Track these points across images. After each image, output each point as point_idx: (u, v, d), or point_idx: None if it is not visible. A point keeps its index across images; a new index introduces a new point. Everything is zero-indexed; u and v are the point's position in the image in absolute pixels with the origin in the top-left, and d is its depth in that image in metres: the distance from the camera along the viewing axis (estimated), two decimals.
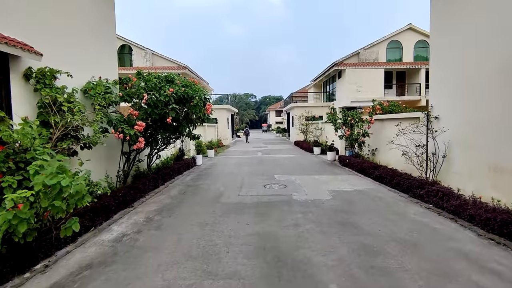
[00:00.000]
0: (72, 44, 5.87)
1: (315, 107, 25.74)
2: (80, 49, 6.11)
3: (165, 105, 6.32)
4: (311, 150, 17.58)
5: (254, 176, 9.53)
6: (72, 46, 5.87)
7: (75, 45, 5.96)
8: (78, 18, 6.11)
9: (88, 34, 6.43)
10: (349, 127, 11.70)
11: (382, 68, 22.23)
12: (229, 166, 12.24)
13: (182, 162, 11.00)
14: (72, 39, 5.89)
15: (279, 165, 12.18)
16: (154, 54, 23.55)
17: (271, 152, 18.36)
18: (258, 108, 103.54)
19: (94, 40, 6.62)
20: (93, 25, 6.63)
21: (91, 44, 6.52)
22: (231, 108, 28.37)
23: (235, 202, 6.35)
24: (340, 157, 12.20)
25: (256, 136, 45.50)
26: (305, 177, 9.11)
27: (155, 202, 6.52)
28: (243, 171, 10.60)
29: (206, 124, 20.67)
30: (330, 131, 18.00)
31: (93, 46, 6.56)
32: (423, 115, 7.71)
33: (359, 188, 7.55)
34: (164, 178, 8.75)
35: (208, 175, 10.09)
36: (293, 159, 14.34)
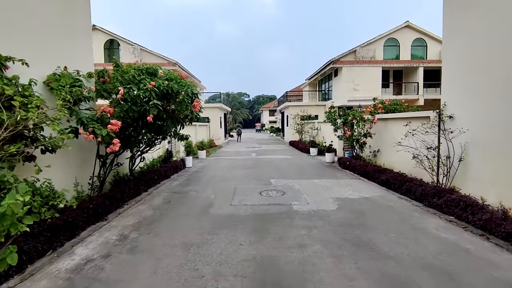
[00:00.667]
0: (33, 29, 4.92)
1: (310, 106, 25.03)
2: (44, 34, 5.16)
3: (145, 101, 5.41)
4: (307, 151, 16.82)
5: (248, 180, 8.68)
6: (33, 30, 4.91)
7: (37, 30, 5.01)
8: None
9: (55, 18, 5.47)
10: (350, 127, 10.96)
11: (380, 66, 21.63)
12: (221, 168, 11.36)
13: (169, 165, 10.07)
14: (33, 22, 4.93)
15: (275, 167, 11.36)
16: (143, 49, 22.45)
17: (266, 152, 17.54)
18: (251, 107, 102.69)
19: (62, 26, 5.66)
20: (61, 8, 5.66)
21: (59, 31, 5.56)
22: (223, 107, 27.44)
23: (227, 213, 5.50)
24: (340, 159, 11.46)
25: (250, 135, 44.65)
26: (304, 182, 8.31)
27: (134, 214, 5.61)
28: (236, 175, 9.73)
29: (197, 123, 19.71)
30: (327, 131, 17.28)
31: (60, 32, 5.60)
32: (434, 114, 6.98)
33: (366, 195, 6.78)
34: (148, 184, 7.83)
35: (198, 179, 9.20)
36: (289, 160, 13.55)
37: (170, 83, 5.82)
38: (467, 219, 4.78)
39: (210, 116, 25.65)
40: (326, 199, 6.39)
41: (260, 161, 13.52)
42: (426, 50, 23.42)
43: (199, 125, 20.28)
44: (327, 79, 26.12)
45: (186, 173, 10.41)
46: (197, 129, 19.28)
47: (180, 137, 8.45)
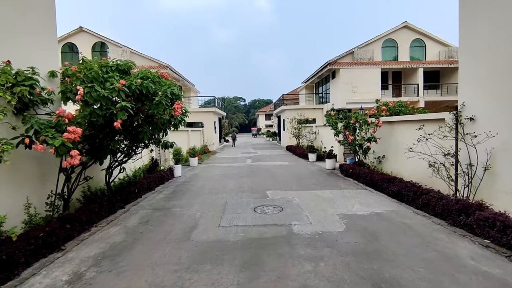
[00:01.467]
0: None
1: (307, 109, 24.21)
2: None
3: (112, 103, 4.46)
4: (305, 156, 15.93)
5: (241, 193, 7.72)
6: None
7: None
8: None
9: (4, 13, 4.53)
10: (352, 131, 10.09)
11: (379, 68, 20.93)
12: (212, 178, 10.38)
13: (155, 175, 9.08)
14: None
15: (272, 176, 10.41)
16: (133, 52, 21.52)
17: (262, 158, 16.60)
18: (247, 111, 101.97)
19: (12, 22, 4.70)
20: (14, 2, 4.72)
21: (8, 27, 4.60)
22: (218, 111, 26.53)
23: (213, 239, 4.53)
24: (342, 166, 10.55)
25: (245, 140, 43.72)
26: (304, 194, 7.37)
27: (101, 240, 4.62)
28: (228, 186, 8.77)
29: (189, 128, 18.75)
30: (327, 135, 16.41)
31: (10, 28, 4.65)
32: (451, 116, 6.12)
33: (376, 210, 5.86)
34: (126, 199, 6.84)
35: (185, 192, 8.21)
36: (286, 167, 12.62)
37: (144, 82, 4.88)
38: (508, 244, 3.88)
39: (203, 121, 24.72)
40: (331, 217, 5.45)
41: (255, 168, 12.57)
42: (425, 51, 22.82)
43: (192, 130, 19.32)
44: (324, 82, 25.38)
45: (173, 184, 9.41)
46: (189, 135, 18.31)
47: (164, 145, 7.50)
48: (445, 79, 22.93)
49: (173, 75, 22.84)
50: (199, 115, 24.85)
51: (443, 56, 22.47)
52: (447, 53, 22.28)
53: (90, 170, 6.09)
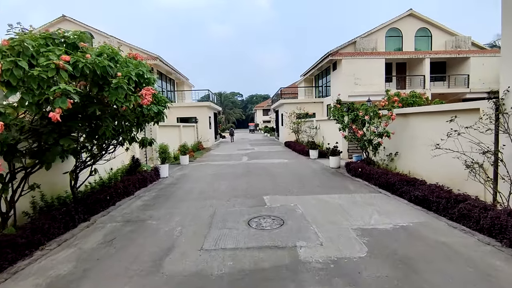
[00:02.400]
0: None
1: (307, 103, 22.97)
2: None
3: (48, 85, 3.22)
4: (306, 153, 14.75)
5: (234, 198, 6.53)
6: None
7: None
8: None
9: None
10: (361, 125, 8.91)
11: (383, 58, 19.69)
12: (203, 179, 9.17)
13: (135, 177, 7.86)
14: None
15: (270, 176, 9.23)
16: (120, 42, 20.08)
17: (259, 156, 15.40)
18: (244, 107, 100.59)
19: None
20: None
21: None
22: (213, 105, 25.24)
23: (191, 271, 3.33)
24: (348, 164, 9.38)
25: (242, 136, 42.46)
26: (308, 200, 6.19)
27: (39, 273, 3.41)
28: (219, 189, 7.57)
29: (181, 124, 17.50)
30: (329, 130, 15.23)
31: None
32: (489, 105, 4.95)
33: (400, 221, 4.70)
34: (93, 209, 5.62)
35: (168, 197, 7.00)
36: (286, 166, 11.43)
37: (98, 59, 3.63)
38: None
39: (198, 116, 23.43)
40: (346, 233, 4.28)
41: (252, 167, 11.37)
42: (431, 40, 21.60)
43: (184, 126, 18.06)
44: (324, 74, 24.12)
45: (157, 187, 8.20)
46: (181, 131, 17.06)
47: (142, 143, 6.29)
48: (452, 70, 21.75)
49: (165, 68, 21.49)
50: (193, 110, 23.55)
51: (450, 46, 21.27)
52: (454, 43, 21.08)
53: (47, 174, 4.86)
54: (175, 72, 23.75)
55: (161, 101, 5.69)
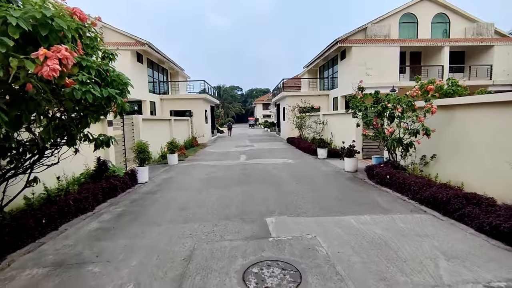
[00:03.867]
0: None
1: (311, 96, 21.08)
2: None
3: None
4: (312, 152, 12.93)
5: (225, 221, 4.69)
6: None
7: None
8: None
9: None
10: (389, 119, 7.07)
11: (397, 46, 17.74)
12: (189, 187, 7.35)
13: (98, 186, 6.03)
14: None
15: (273, 183, 7.40)
16: (105, 26, 18.06)
17: (259, 154, 13.56)
18: (244, 101, 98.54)
19: None
20: None
21: None
22: (209, 98, 23.32)
23: None
24: (372, 169, 7.55)
25: (241, 131, 40.59)
26: (332, 226, 4.36)
27: None
28: (207, 204, 5.74)
29: (172, 118, 15.64)
30: (338, 126, 13.38)
31: None
32: None
33: (489, 277, 2.90)
34: (13, 242, 3.80)
35: (137, 216, 5.17)
36: (292, 168, 9.60)
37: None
38: None
39: (192, 110, 21.56)
40: None
41: (250, 169, 9.54)
42: (449, 27, 19.60)
43: (176, 120, 16.19)
44: (331, 64, 22.16)
45: (129, 198, 6.37)
46: (171, 125, 15.19)
47: (94, 142, 4.47)
48: (472, 60, 19.82)
49: (156, 56, 19.51)
50: (188, 102, 21.65)
51: (470, 34, 19.29)
52: (475, 30, 19.09)
53: None
54: (168, 61, 21.75)
55: (116, 81, 3.85)
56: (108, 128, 8.23)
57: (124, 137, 9.74)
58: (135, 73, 17.22)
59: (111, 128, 8.39)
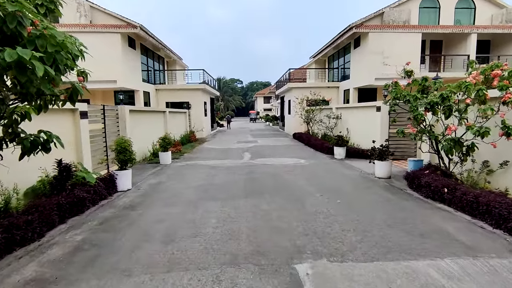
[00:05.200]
0: None
1: (320, 88, 19.30)
2: None
3: None
4: (326, 150, 11.27)
5: (228, 276, 2.97)
6: None
7: None
8: None
9: None
10: (445, 112, 5.39)
11: (419, 32, 15.91)
12: (181, 199, 5.67)
13: (55, 200, 4.37)
14: None
15: (291, 197, 5.70)
16: (94, 7, 16.16)
17: (265, 152, 11.87)
18: (244, 94, 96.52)
19: None
20: None
21: None
22: (208, 89, 21.51)
23: None
24: (418, 178, 5.86)
25: (242, 125, 38.87)
26: (405, 283, 2.72)
27: None
28: (203, 234, 4.03)
29: (167, 109, 13.88)
30: (356, 121, 11.65)
31: None
32: None
33: None
34: None
35: (99, 253, 3.48)
36: (308, 172, 7.93)
37: None
38: None
39: (190, 101, 19.81)
40: None
41: (258, 173, 7.87)
42: (474, 13, 17.74)
43: (171, 112, 14.45)
44: (342, 53, 20.31)
45: (96, 218, 4.67)
46: (166, 118, 13.45)
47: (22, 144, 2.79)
48: (498, 50, 18.02)
49: (150, 41, 17.63)
50: (185, 93, 19.86)
51: (497, 21, 17.46)
52: (504, 17, 17.24)
53: None
54: (164, 47, 19.87)
55: (49, 41, 2.21)
56: (82, 121, 6.52)
57: (106, 132, 8.03)
58: (126, 59, 15.40)
59: (85, 121, 6.67)
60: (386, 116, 9.62)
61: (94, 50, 14.16)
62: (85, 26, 14.65)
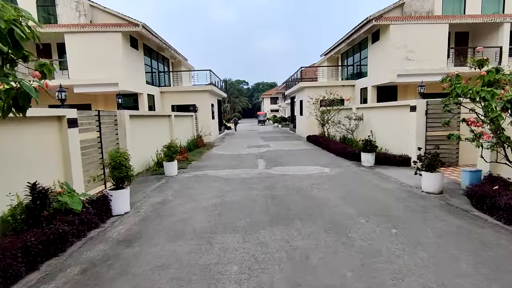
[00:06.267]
0: None
1: (335, 87, 18.03)
2: None
3: None
4: (349, 155, 10.03)
5: None
6: None
7: None
8: None
9: None
10: None
11: (446, 23, 14.51)
12: (189, 230, 4.50)
13: (20, 240, 3.26)
14: None
15: (329, 225, 4.46)
16: (94, 6, 15.23)
17: (281, 159, 10.65)
18: (250, 95, 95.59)
19: None
20: None
21: None
22: (216, 90, 20.43)
23: None
24: (490, 196, 4.60)
25: (250, 127, 37.77)
26: None
27: None
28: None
29: (172, 113, 12.80)
30: (384, 123, 10.35)
31: None
32: None
33: None
34: None
35: None
36: (338, 185, 6.69)
37: None
38: None
39: (197, 104, 18.75)
40: None
41: (279, 187, 6.68)
42: (503, 3, 16.24)
43: (177, 116, 13.38)
44: (357, 49, 18.99)
45: (79, 262, 3.54)
46: (172, 123, 12.38)
47: None
48: None
49: (154, 41, 16.63)
50: (192, 95, 18.82)
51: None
52: None
53: None
54: (168, 47, 18.87)
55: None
56: (70, 130, 5.45)
57: (102, 142, 6.96)
58: (128, 61, 14.42)
59: (75, 130, 5.59)
60: (423, 116, 8.34)
61: (94, 51, 13.09)
62: (84, 26, 13.69)
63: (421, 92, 8.55)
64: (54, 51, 16.02)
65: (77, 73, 13.83)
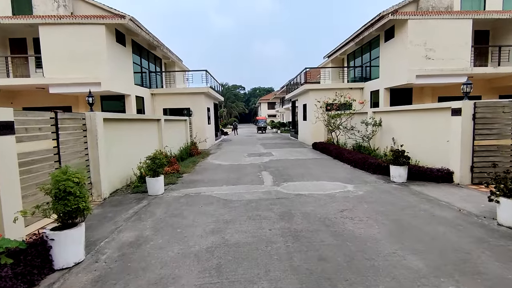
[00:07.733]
0: None
1: (342, 89, 16.48)
2: None
3: None
4: (372, 168, 8.36)
5: None
6: None
7: None
8: None
9: None
10: None
11: (469, 19, 13.06)
12: None
13: None
14: None
15: None
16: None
17: (290, 171, 8.91)
18: (247, 100, 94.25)
19: None
20: None
21: None
22: (212, 93, 18.73)
23: None
24: None
25: (248, 131, 36.10)
26: None
27: None
28: None
29: (162, 117, 11.04)
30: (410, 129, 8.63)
31: None
32: None
33: None
34: None
35: None
36: (374, 210, 4.98)
37: None
38: None
39: (192, 107, 17.04)
40: None
41: (296, 215, 4.96)
42: None
43: (167, 120, 11.62)
44: (366, 49, 17.51)
45: None
46: (161, 129, 10.62)
47: None
48: None
49: (144, 37, 14.95)
50: (186, 98, 17.11)
51: None
52: None
53: None
54: (160, 45, 17.19)
55: None
56: (3, 138, 3.70)
57: (59, 154, 5.21)
58: (113, 57, 12.68)
59: (10, 138, 3.83)
60: (470, 122, 6.73)
61: (73, 47, 11.10)
62: (61, 17, 11.96)
63: (466, 91, 6.94)
64: (30, 47, 14.25)
65: (54, 71, 12.07)
